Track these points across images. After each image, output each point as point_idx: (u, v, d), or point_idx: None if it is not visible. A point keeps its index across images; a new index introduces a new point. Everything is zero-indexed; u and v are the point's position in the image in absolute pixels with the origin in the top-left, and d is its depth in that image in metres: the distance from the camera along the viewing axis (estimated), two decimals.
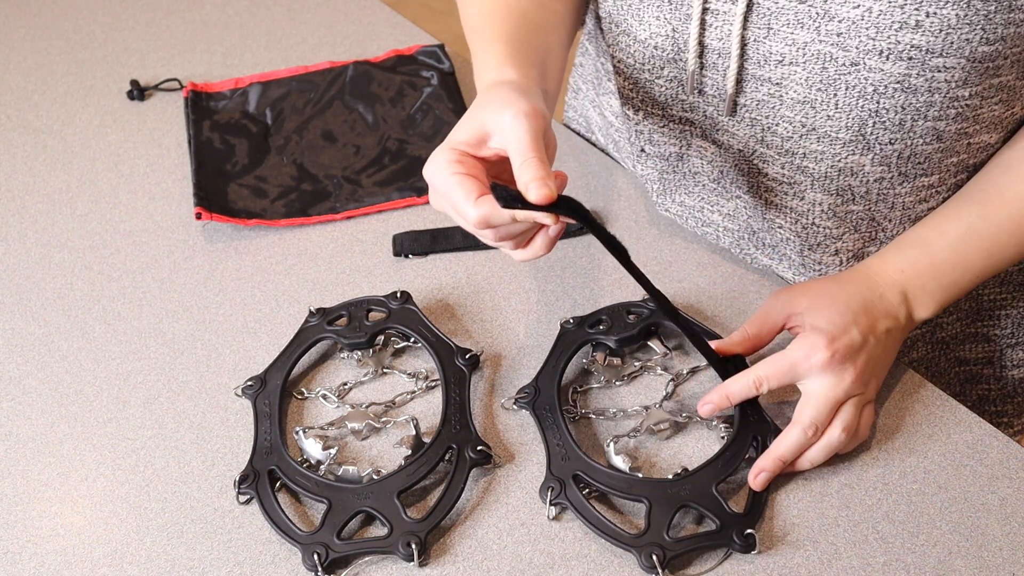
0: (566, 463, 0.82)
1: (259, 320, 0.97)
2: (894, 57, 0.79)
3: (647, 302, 0.93)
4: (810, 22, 0.81)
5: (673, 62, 0.90)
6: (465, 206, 0.72)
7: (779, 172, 0.91)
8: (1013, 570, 0.77)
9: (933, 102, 0.81)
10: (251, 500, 0.83)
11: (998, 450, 0.84)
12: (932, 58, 0.78)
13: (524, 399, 0.87)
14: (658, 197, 1.04)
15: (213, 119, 1.19)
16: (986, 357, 1.05)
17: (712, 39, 0.86)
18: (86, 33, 1.35)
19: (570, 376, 0.91)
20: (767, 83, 0.86)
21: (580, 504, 0.80)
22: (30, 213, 1.10)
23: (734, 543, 0.77)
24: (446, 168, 0.74)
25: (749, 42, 0.85)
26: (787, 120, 0.87)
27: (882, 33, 0.78)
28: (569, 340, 0.91)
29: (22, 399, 0.92)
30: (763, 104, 0.88)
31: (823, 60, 0.82)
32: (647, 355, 0.92)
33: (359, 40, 1.31)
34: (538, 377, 0.89)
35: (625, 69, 0.96)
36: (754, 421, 0.84)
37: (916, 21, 0.77)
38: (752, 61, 0.86)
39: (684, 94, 0.92)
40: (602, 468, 0.81)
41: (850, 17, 0.79)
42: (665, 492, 0.79)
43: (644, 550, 0.76)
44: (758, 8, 0.83)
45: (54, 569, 0.80)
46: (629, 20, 0.92)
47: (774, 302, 0.86)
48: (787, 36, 0.83)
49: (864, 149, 0.86)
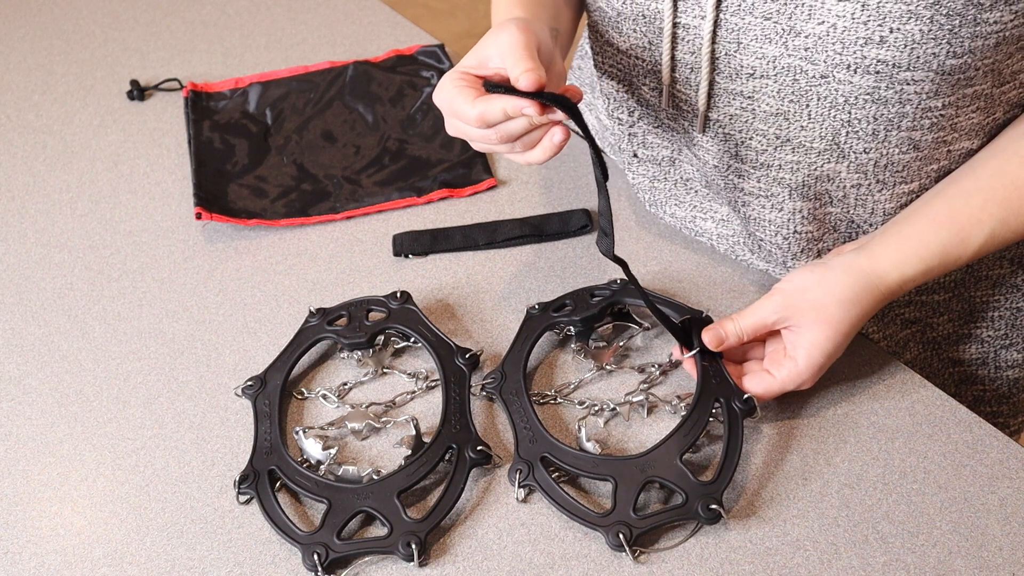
0: (533, 446, 0.83)
1: (259, 320, 0.97)
2: (861, 71, 0.79)
3: (610, 284, 0.94)
4: (777, 37, 0.81)
5: (652, 73, 0.91)
6: (464, 107, 0.78)
7: (755, 186, 0.91)
8: (1013, 570, 0.77)
9: (905, 113, 0.81)
10: (251, 500, 0.83)
11: (998, 450, 0.84)
12: (900, 72, 0.78)
13: (491, 384, 0.88)
14: (650, 207, 1.04)
15: (213, 119, 1.19)
16: (980, 358, 1.05)
17: (684, 53, 0.87)
18: (86, 33, 1.35)
19: (556, 368, 0.91)
20: (739, 96, 0.86)
21: (548, 485, 0.81)
22: (30, 213, 1.10)
23: (700, 516, 0.78)
24: (449, 85, 0.80)
25: (720, 56, 0.85)
26: (761, 133, 0.87)
27: (848, 48, 0.78)
28: (534, 325, 0.92)
29: (22, 399, 0.92)
30: (736, 118, 0.88)
31: (793, 73, 0.82)
32: (628, 334, 0.94)
33: (359, 40, 1.31)
34: (504, 362, 0.90)
35: (616, 73, 0.97)
36: (716, 384, 0.85)
37: (880, 37, 0.76)
38: (723, 75, 0.86)
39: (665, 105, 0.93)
40: (569, 449, 0.82)
41: (816, 33, 0.79)
42: (630, 469, 0.80)
43: (611, 529, 0.78)
44: (725, 24, 0.83)
45: (54, 569, 0.80)
46: (610, 32, 0.92)
47: (774, 308, 0.85)
48: (756, 50, 0.83)
49: (839, 157, 0.86)
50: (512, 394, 0.87)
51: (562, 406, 0.89)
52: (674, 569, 0.77)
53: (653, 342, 0.93)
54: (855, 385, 0.89)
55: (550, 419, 0.88)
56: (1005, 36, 0.77)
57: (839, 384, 0.89)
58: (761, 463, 0.84)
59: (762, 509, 0.81)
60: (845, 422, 0.86)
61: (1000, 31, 0.76)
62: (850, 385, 0.89)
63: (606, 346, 0.93)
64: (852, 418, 0.87)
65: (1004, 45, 0.77)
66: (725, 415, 0.83)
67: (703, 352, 0.86)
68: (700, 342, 0.86)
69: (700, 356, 0.86)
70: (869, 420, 0.86)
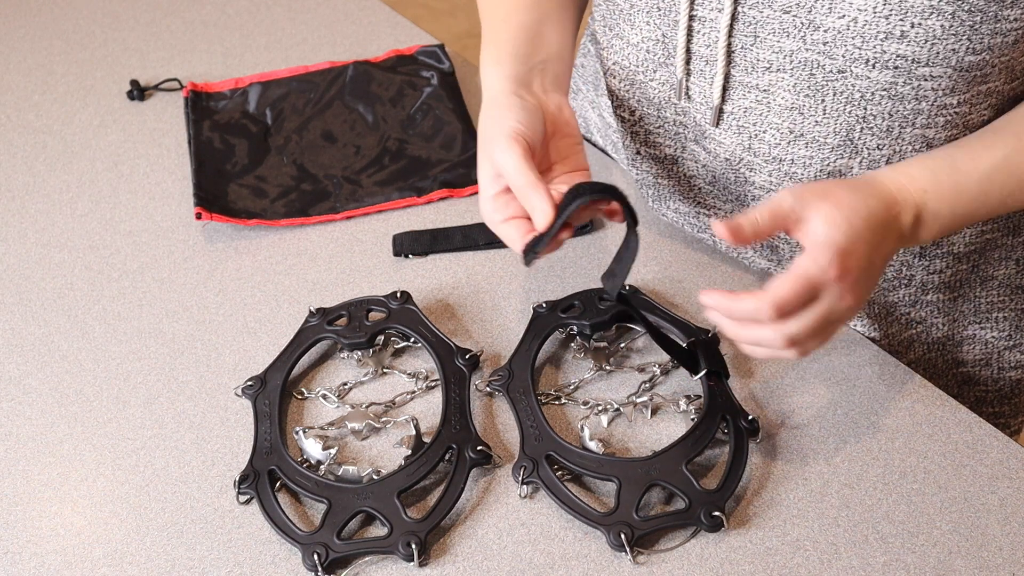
0: (539, 444, 0.84)
1: (259, 320, 0.97)
2: (880, 66, 0.79)
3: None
4: (795, 31, 0.81)
5: (665, 66, 0.91)
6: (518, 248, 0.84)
7: (766, 180, 0.91)
8: (1013, 570, 0.77)
9: (921, 110, 0.81)
10: (251, 500, 0.83)
11: (998, 450, 0.84)
12: (918, 67, 0.78)
13: (498, 382, 0.89)
14: (653, 203, 1.04)
15: (213, 119, 1.19)
16: (983, 359, 1.05)
17: (699, 46, 0.86)
18: (86, 33, 1.35)
19: (559, 368, 0.91)
20: (754, 90, 0.86)
21: (552, 483, 0.81)
22: (30, 213, 1.10)
23: (701, 522, 0.78)
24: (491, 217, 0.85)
25: (736, 49, 0.84)
26: (774, 127, 0.87)
27: (867, 43, 0.78)
28: (542, 324, 0.92)
29: (22, 399, 0.92)
30: (750, 111, 0.88)
31: (811, 67, 0.82)
32: (631, 335, 0.94)
33: (359, 40, 1.31)
34: (511, 360, 0.90)
35: (620, 72, 0.96)
36: (723, 402, 0.85)
37: (901, 32, 0.76)
38: (739, 68, 0.85)
39: (676, 98, 0.92)
40: (574, 448, 0.83)
41: (835, 27, 0.78)
42: (635, 471, 0.81)
43: (613, 528, 0.78)
44: (743, 17, 0.82)
45: (54, 569, 0.80)
46: (621, 24, 0.92)
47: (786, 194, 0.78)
48: (773, 44, 0.82)
49: (852, 153, 0.86)
50: (519, 392, 0.87)
51: (567, 406, 0.89)
52: (674, 569, 0.77)
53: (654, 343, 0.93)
54: (855, 385, 0.89)
55: (554, 418, 0.88)
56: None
57: (839, 384, 0.89)
58: (761, 463, 0.84)
59: (762, 509, 0.81)
60: (845, 422, 0.86)
61: (1020, 28, 0.76)
62: (850, 385, 0.89)
63: (607, 346, 0.93)
64: (852, 418, 0.87)
65: (1022, 43, 0.78)
66: (731, 432, 0.84)
67: (708, 373, 0.86)
68: (707, 363, 0.86)
69: (706, 377, 0.86)
70: (869, 420, 0.86)
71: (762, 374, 0.90)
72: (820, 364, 0.91)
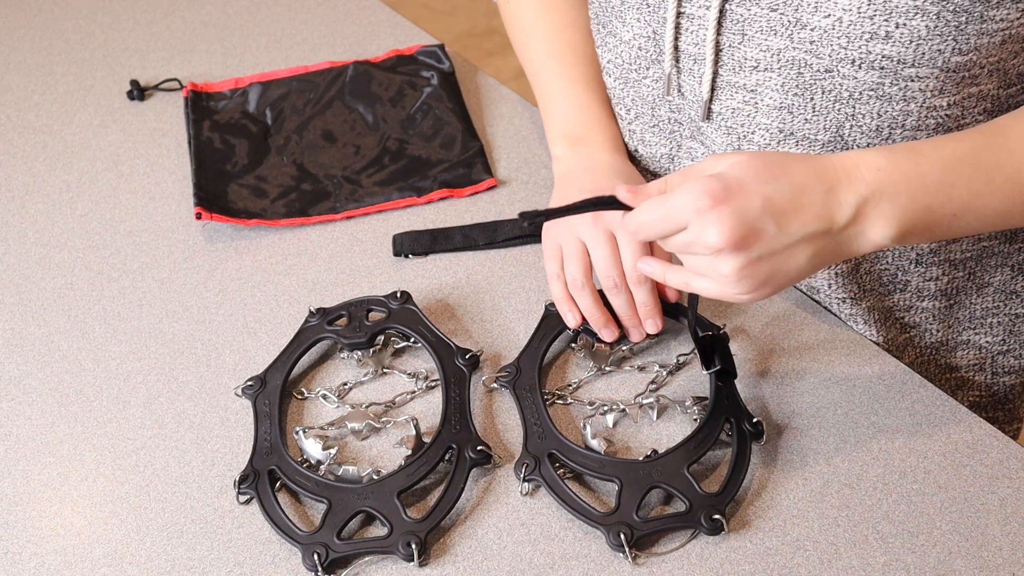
0: (542, 442, 0.84)
1: (259, 320, 0.97)
2: (866, 66, 0.78)
3: None
4: (782, 29, 0.81)
5: (656, 63, 0.91)
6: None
7: None
8: (1013, 570, 0.77)
9: (910, 111, 0.81)
10: (251, 500, 0.83)
11: (998, 450, 0.84)
12: (904, 68, 0.78)
13: (505, 378, 0.89)
14: None
15: (213, 119, 1.19)
16: (977, 364, 1.04)
17: (687, 44, 0.86)
18: (86, 33, 1.35)
19: (565, 367, 0.91)
20: (742, 90, 0.86)
21: (553, 482, 0.81)
22: (30, 213, 1.10)
23: (701, 525, 0.78)
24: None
25: (724, 48, 0.85)
26: (764, 128, 0.87)
27: (853, 43, 0.78)
28: (552, 323, 0.92)
29: (22, 399, 0.92)
30: (738, 112, 0.88)
31: (798, 66, 0.82)
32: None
33: (359, 40, 1.31)
34: (520, 357, 0.90)
35: (614, 69, 0.97)
36: (728, 405, 0.85)
37: (886, 32, 0.76)
38: (727, 67, 0.85)
39: (669, 96, 0.92)
40: (576, 448, 0.83)
41: (821, 26, 0.78)
42: (636, 473, 0.81)
43: (612, 528, 0.78)
44: (731, 14, 0.82)
45: (54, 569, 0.80)
46: (614, 22, 0.92)
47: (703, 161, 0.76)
48: (761, 42, 0.82)
49: (842, 149, 0.86)
50: (526, 389, 0.88)
51: (572, 405, 0.89)
52: (674, 570, 0.77)
53: (654, 343, 0.93)
54: (855, 385, 0.89)
55: (558, 417, 0.88)
56: (1011, 34, 0.76)
57: (839, 384, 0.89)
58: (761, 463, 0.84)
59: (762, 510, 0.81)
60: (845, 422, 0.86)
61: (1006, 29, 0.76)
62: (850, 385, 0.89)
63: (609, 346, 0.92)
64: (852, 418, 0.87)
65: (1010, 43, 0.77)
66: (735, 434, 0.83)
67: (718, 373, 0.86)
68: (719, 361, 0.86)
69: (715, 376, 0.86)
70: (869, 420, 0.86)
71: (764, 375, 0.90)
72: (820, 364, 0.91)
